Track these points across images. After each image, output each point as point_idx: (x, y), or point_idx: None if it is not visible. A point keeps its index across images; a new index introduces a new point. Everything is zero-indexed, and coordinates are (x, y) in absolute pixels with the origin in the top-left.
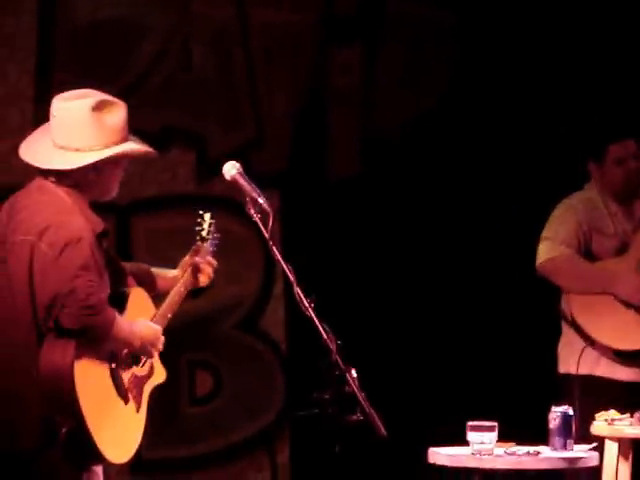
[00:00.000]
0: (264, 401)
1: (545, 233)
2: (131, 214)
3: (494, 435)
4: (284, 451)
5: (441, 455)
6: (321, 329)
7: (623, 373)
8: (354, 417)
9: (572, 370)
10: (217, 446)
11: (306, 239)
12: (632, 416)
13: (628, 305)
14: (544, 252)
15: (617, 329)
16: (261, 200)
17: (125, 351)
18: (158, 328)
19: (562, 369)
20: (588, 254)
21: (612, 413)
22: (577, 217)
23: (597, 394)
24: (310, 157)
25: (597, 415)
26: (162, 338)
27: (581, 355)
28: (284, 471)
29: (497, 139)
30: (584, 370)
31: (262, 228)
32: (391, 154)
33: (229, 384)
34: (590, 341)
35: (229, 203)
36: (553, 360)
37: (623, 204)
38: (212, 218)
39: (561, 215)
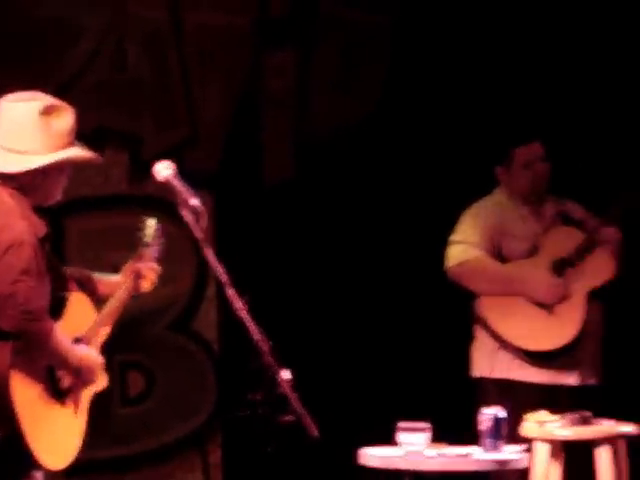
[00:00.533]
0: (196, 402)
1: (454, 236)
2: (64, 215)
3: (426, 436)
4: (216, 452)
5: (372, 456)
6: (253, 330)
7: (538, 376)
8: (286, 418)
9: (486, 373)
10: (149, 447)
11: (239, 241)
12: (563, 418)
13: (540, 306)
14: (454, 256)
15: (529, 330)
16: (194, 201)
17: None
18: (100, 360)
19: (476, 372)
20: (499, 257)
21: (543, 415)
22: (486, 220)
23: (512, 398)
24: (244, 159)
25: (527, 416)
26: (99, 370)
27: (494, 358)
28: (216, 471)
29: (427, 144)
30: (498, 374)
31: (194, 229)
32: (325, 158)
33: (161, 385)
34: (502, 343)
35: (161, 203)
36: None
37: (533, 206)
38: (157, 223)
39: (470, 218)
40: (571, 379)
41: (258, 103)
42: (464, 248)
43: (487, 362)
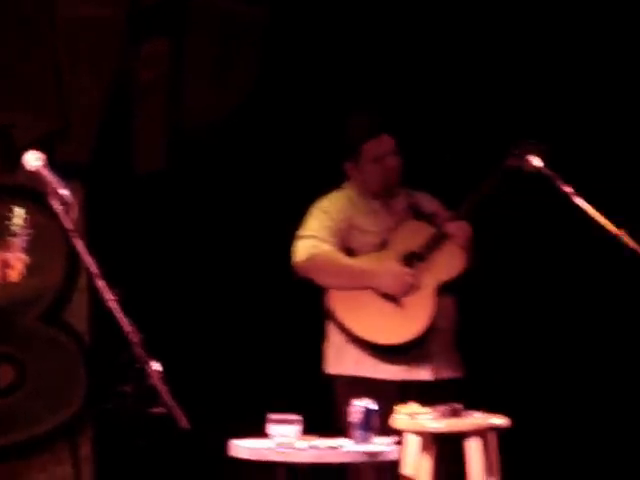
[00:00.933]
0: (67, 393)
1: (302, 231)
2: None
3: (296, 428)
4: (86, 444)
5: (242, 448)
6: (123, 322)
7: (388, 372)
8: (156, 410)
9: (335, 370)
10: (19, 439)
11: (110, 231)
12: (434, 410)
13: (389, 299)
14: (301, 250)
15: (377, 324)
16: (63, 191)
17: None
18: None
19: (327, 369)
20: (348, 252)
21: (413, 407)
22: (335, 214)
23: (361, 394)
24: (115, 150)
25: (398, 408)
26: None
27: (343, 354)
28: (86, 464)
29: (293, 138)
30: (346, 370)
31: (64, 220)
32: (197, 149)
33: (31, 376)
34: (351, 337)
35: (31, 193)
36: None
37: (383, 200)
38: (26, 213)
39: (319, 212)
40: (422, 374)
41: (130, 93)
42: (312, 242)
43: (336, 358)
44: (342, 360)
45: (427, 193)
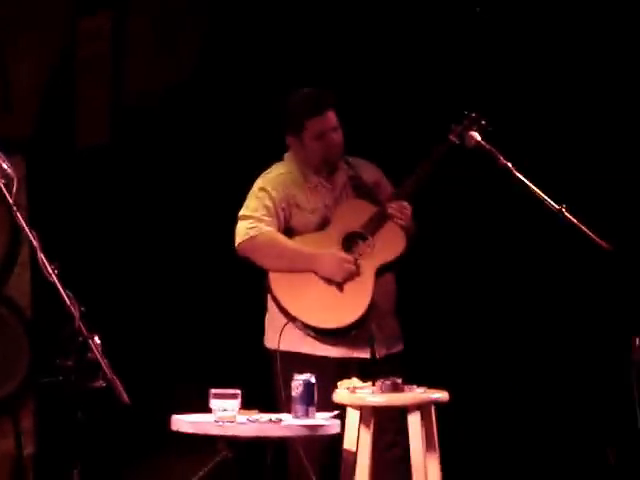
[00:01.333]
0: (9, 368)
1: (243, 211)
2: None
3: (237, 402)
4: (28, 417)
5: (184, 422)
6: (64, 295)
7: (328, 350)
8: (97, 384)
9: (274, 346)
10: None
11: (53, 206)
12: (374, 385)
13: (330, 282)
14: (242, 232)
15: (317, 307)
16: (5, 165)
17: None
18: None
19: (267, 344)
20: (289, 231)
21: (354, 381)
22: (275, 193)
23: (300, 369)
24: (57, 124)
25: (339, 383)
26: None
27: (282, 331)
28: (28, 437)
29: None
30: (286, 346)
31: (6, 193)
32: (141, 123)
33: None
34: (290, 318)
35: None
36: None
37: (324, 175)
38: None
39: (259, 191)
40: (362, 353)
41: (73, 67)
42: (252, 224)
43: (275, 334)
44: (282, 336)
45: (370, 162)
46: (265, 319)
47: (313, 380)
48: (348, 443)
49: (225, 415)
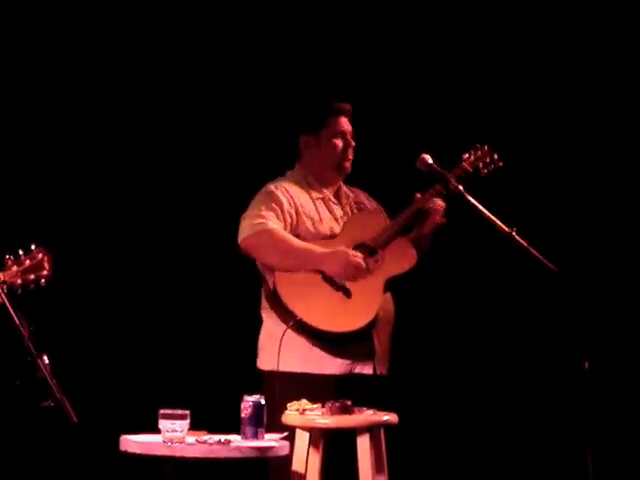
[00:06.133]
0: None
1: (248, 211)
2: None
3: (186, 423)
4: None
5: (132, 442)
6: (13, 314)
7: (332, 367)
8: (45, 403)
9: (273, 366)
10: None
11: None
12: (323, 406)
13: (337, 287)
14: (247, 228)
15: (324, 310)
16: None
17: None
18: None
19: (262, 364)
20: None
21: (304, 403)
22: (284, 199)
23: (302, 390)
24: None
25: (289, 405)
26: None
27: (286, 349)
28: None
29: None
30: (287, 367)
31: None
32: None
33: None
34: (294, 319)
35: None
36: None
37: (332, 188)
38: None
39: (266, 195)
40: (365, 368)
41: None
42: (258, 220)
43: (274, 354)
44: (284, 355)
45: (366, 193)
46: (260, 338)
47: (263, 402)
48: (297, 465)
49: (174, 435)
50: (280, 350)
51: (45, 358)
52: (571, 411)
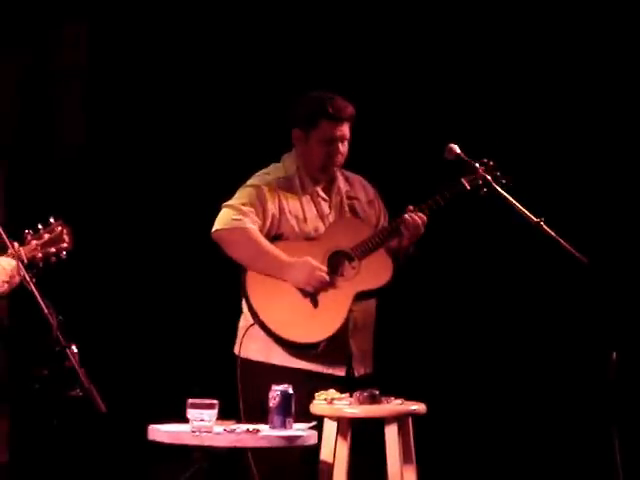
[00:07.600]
0: None
1: (231, 201)
2: None
3: (214, 412)
4: (3, 425)
5: (160, 432)
6: (42, 304)
7: (299, 363)
8: (74, 392)
9: (243, 353)
10: None
11: (31, 210)
12: (351, 396)
13: (305, 295)
14: (225, 219)
15: (288, 318)
16: None
17: None
18: None
19: (236, 350)
20: (277, 237)
21: (331, 392)
22: (269, 197)
23: (266, 380)
24: (37, 127)
25: (317, 394)
26: None
27: (254, 339)
28: (1, 441)
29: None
30: (255, 355)
31: None
32: (116, 125)
33: None
34: (258, 322)
35: None
36: None
37: (321, 185)
38: None
39: (253, 188)
40: (338, 370)
41: (52, 74)
42: (237, 216)
43: (246, 342)
44: (252, 344)
45: (365, 179)
46: (238, 325)
47: (291, 391)
48: (325, 454)
49: (202, 425)
50: (249, 339)
51: (74, 348)
52: (598, 404)
